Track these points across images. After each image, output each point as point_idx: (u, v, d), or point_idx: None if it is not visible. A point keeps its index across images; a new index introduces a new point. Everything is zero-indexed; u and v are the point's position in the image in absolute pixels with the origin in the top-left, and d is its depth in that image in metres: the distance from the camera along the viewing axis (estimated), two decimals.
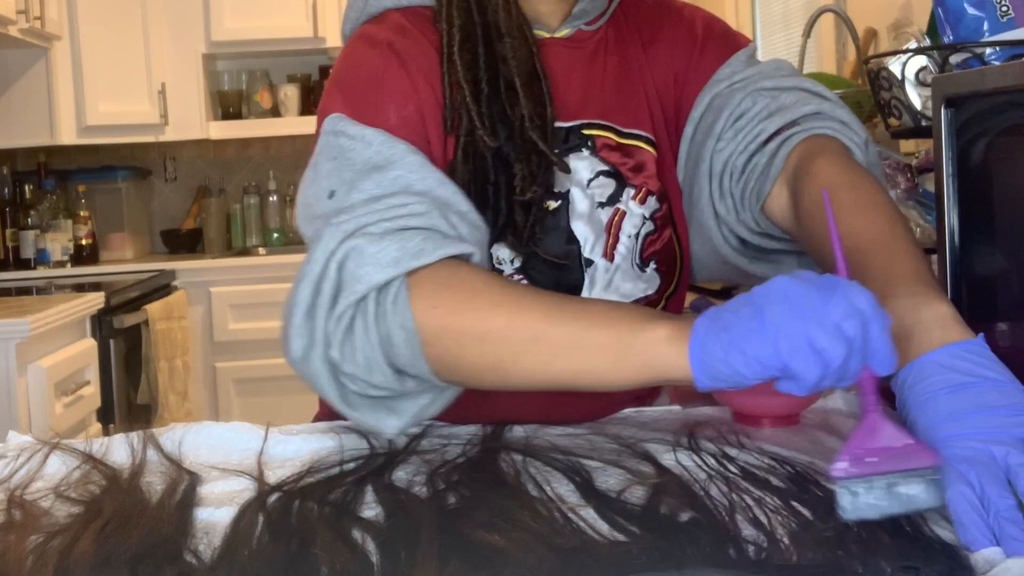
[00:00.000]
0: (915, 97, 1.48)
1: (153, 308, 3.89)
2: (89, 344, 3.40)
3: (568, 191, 1.15)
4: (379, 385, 0.98)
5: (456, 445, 1.06)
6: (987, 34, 1.31)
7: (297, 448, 1.09)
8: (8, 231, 4.61)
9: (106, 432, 3.41)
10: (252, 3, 4.56)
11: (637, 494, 0.90)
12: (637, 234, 1.17)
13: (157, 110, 4.56)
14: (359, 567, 0.76)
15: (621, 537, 0.80)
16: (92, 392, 3.37)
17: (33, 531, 0.84)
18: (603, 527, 0.82)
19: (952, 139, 1.05)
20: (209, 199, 4.92)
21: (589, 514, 0.85)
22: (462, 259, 1.01)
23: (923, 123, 1.48)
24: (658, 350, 0.85)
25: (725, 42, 1.23)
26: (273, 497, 0.92)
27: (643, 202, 1.18)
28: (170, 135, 4.62)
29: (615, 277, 1.16)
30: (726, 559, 0.75)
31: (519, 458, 1.01)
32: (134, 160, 4.95)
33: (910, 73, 1.48)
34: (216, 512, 0.90)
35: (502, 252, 1.12)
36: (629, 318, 0.89)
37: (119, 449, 1.09)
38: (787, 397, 0.94)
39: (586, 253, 1.15)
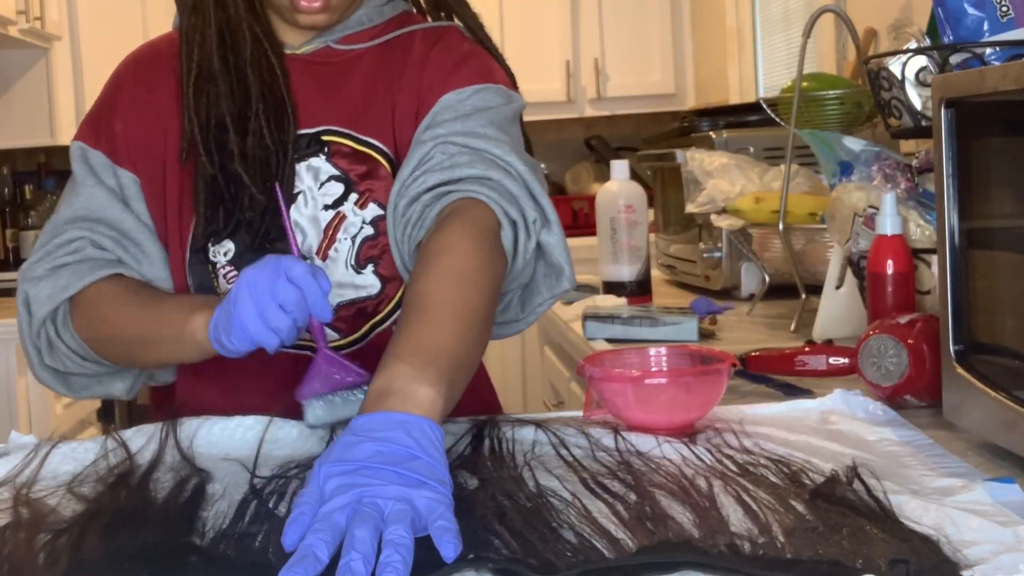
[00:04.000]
0: (915, 97, 1.48)
1: None
2: None
3: (299, 193, 1.26)
4: (92, 371, 1.29)
5: (449, 438, 1.07)
6: (987, 34, 1.31)
7: (305, 438, 1.10)
8: (8, 231, 4.61)
9: (106, 432, 3.41)
10: None
11: (634, 493, 0.90)
12: (355, 237, 1.26)
13: None
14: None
15: (617, 533, 0.81)
16: None
17: (41, 529, 0.85)
18: (600, 523, 0.83)
19: (952, 139, 1.05)
20: None
21: (585, 508, 0.86)
22: (112, 276, 1.26)
23: (923, 123, 1.48)
24: (197, 335, 1.13)
25: (477, 71, 1.28)
26: (275, 487, 0.93)
27: (363, 207, 1.26)
28: None
29: (328, 273, 1.22)
30: (721, 554, 0.75)
31: (520, 457, 1.02)
32: None
33: (910, 73, 1.48)
34: (220, 504, 0.91)
35: (213, 248, 1.26)
36: (182, 309, 1.17)
37: (141, 444, 1.10)
38: (676, 414, 1.09)
39: (304, 250, 1.26)
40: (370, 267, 1.26)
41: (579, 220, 4.65)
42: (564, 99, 4.77)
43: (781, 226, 1.86)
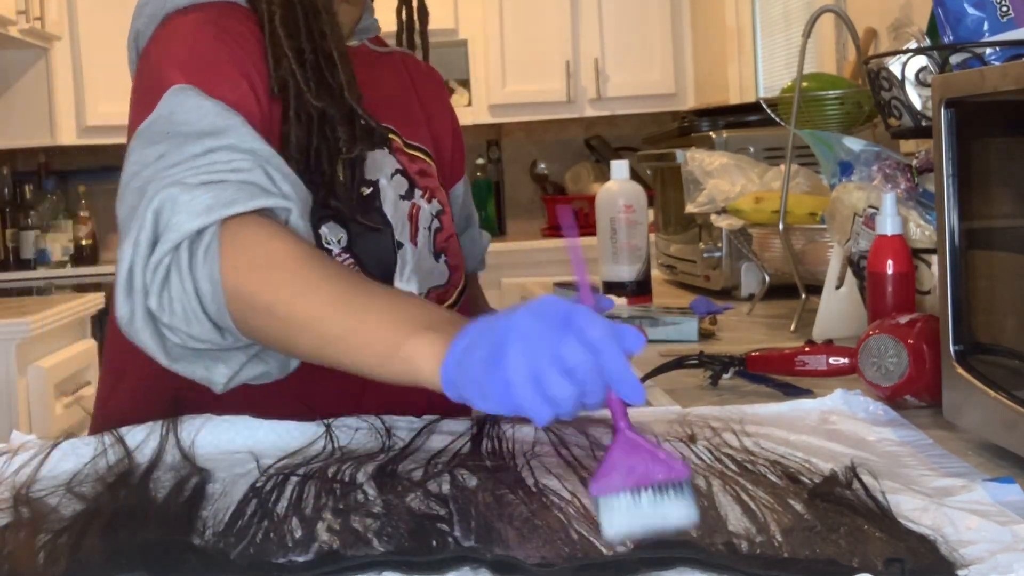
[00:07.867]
0: (915, 97, 1.48)
1: None
2: (89, 344, 3.40)
3: (377, 180, 1.25)
4: (199, 337, 0.98)
5: (449, 436, 1.08)
6: (987, 34, 1.31)
7: (305, 438, 1.10)
8: (8, 231, 4.61)
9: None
10: None
11: None
12: (429, 227, 1.31)
13: None
14: (361, 551, 0.77)
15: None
16: (92, 393, 3.36)
17: (41, 529, 0.85)
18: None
19: (952, 139, 1.05)
20: None
21: (584, 507, 0.86)
22: (278, 216, 1.03)
23: (923, 123, 1.48)
24: (417, 363, 0.86)
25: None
26: (275, 486, 0.93)
27: (429, 201, 1.32)
28: None
29: (420, 260, 1.28)
30: (718, 553, 0.75)
31: (519, 456, 1.02)
32: None
33: (910, 73, 1.48)
34: (220, 503, 0.91)
35: (328, 231, 1.19)
36: (403, 321, 0.89)
37: (140, 439, 1.10)
38: None
39: (397, 236, 1.26)
40: (443, 257, 1.32)
41: (579, 220, 4.65)
42: (564, 99, 4.77)
43: (781, 226, 1.86)
